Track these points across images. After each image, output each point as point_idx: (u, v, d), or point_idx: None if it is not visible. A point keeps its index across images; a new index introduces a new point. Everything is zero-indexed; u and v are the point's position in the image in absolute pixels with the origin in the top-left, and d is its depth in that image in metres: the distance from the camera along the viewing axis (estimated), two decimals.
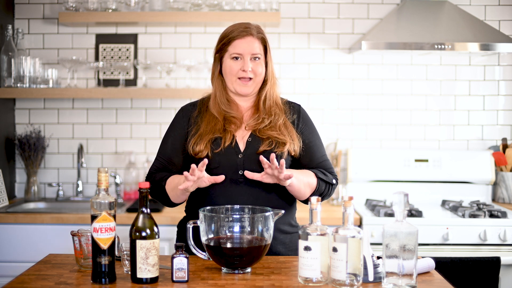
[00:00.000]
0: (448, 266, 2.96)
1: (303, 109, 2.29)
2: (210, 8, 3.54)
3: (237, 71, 2.15)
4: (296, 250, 2.19)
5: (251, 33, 2.15)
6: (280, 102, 2.23)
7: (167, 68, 3.58)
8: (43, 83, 3.52)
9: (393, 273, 1.71)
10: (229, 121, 2.17)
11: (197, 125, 2.18)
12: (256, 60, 2.16)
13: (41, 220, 3.11)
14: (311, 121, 2.28)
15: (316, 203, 1.78)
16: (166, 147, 2.22)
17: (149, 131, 3.70)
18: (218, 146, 2.13)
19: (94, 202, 1.77)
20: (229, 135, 2.14)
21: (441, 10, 3.50)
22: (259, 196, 2.12)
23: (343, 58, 3.71)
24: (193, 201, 2.22)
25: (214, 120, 2.17)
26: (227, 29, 2.20)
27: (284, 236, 2.18)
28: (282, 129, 2.16)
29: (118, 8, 3.51)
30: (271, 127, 2.15)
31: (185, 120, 2.22)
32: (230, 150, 2.13)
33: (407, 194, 1.71)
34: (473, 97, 3.74)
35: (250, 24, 2.19)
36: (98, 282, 1.76)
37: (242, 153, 2.13)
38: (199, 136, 2.14)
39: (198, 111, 2.23)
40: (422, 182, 3.61)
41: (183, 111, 2.26)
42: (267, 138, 2.13)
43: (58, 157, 3.71)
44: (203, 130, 2.15)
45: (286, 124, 2.18)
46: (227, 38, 2.16)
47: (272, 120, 2.16)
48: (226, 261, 1.85)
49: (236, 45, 2.14)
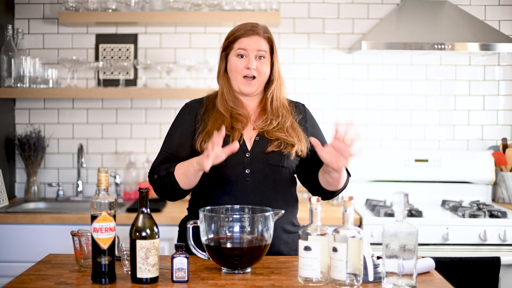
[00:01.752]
0: (448, 266, 2.96)
1: (307, 109, 2.30)
2: (210, 8, 3.54)
3: (242, 69, 2.15)
4: (297, 250, 2.19)
5: (257, 32, 2.16)
6: (286, 103, 2.24)
7: (167, 68, 3.58)
8: (43, 83, 3.52)
9: (393, 273, 1.71)
10: (236, 119, 2.17)
11: (205, 122, 2.17)
12: (261, 59, 2.16)
13: (41, 220, 3.12)
14: (315, 121, 2.30)
15: (316, 203, 1.78)
16: (173, 142, 2.18)
17: (149, 131, 3.70)
18: (225, 144, 2.12)
19: (94, 202, 1.77)
20: (237, 133, 2.14)
21: (441, 10, 3.50)
22: (264, 195, 2.12)
23: (343, 58, 3.71)
24: (197, 200, 2.20)
25: (221, 117, 2.16)
26: (234, 28, 2.22)
27: (287, 236, 2.18)
28: (290, 130, 2.16)
29: (118, 8, 3.51)
30: (279, 128, 2.15)
31: (192, 117, 2.20)
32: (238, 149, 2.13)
33: (407, 194, 1.71)
34: (473, 97, 3.74)
35: (257, 24, 2.20)
36: (98, 282, 1.76)
37: (249, 151, 2.14)
38: (206, 134, 2.13)
39: (205, 108, 2.22)
40: (422, 182, 3.61)
41: (189, 107, 2.24)
42: (276, 139, 2.14)
43: (58, 157, 3.71)
44: (210, 127, 2.14)
45: (293, 125, 2.19)
46: (233, 36, 2.17)
47: (280, 121, 2.17)
48: (226, 261, 1.85)
49: (242, 42, 2.15)
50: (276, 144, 2.13)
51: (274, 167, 2.13)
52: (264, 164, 2.11)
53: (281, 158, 2.13)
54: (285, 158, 2.13)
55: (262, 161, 2.12)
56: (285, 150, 2.13)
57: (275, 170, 2.13)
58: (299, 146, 2.15)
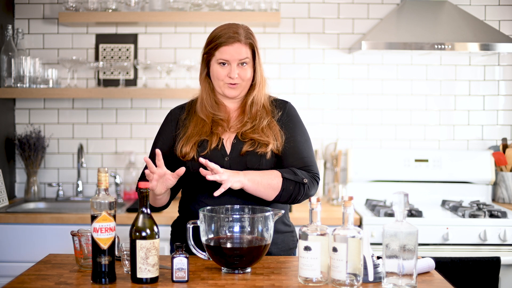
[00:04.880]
0: (448, 266, 2.96)
1: (290, 105, 2.25)
2: (210, 8, 3.54)
3: (224, 77, 2.13)
4: (287, 251, 2.19)
5: (238, 39, 2.11)
6: (267, 103, 2.21)
7: (167, 68, 3.58)
8: (43, 83, 3.52)
9: (393, 273, 1.71)
10: (216, 124, 2.17)
11: (186, 127, 2.18)
12: (244, 65, 2.14)
13: (41, 220, 3.11)
14: (297, 118, 2.23)
15: (316, 203, 1.78)
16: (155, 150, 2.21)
17: (149, 131, 3.70)
18: (204, 148, 2.12)
19: (94, 202, 1.77)
20: (216, 137, 2.13)
21: (441, 10, 3.50)
22: (248, 197, 2.10)
23: (343, 58, 3.71)
24: (184, 202, 2.24)
25: (202, 122, 2.16)
26: (215, 32, 2.16)
27: (276, 236, 2.15)
28: (265, 130, 2.14)
29: (118, 8, 3.51)
30: (254, 130, 2.13)
31: (173, 124, 2.22)
32: (217, 153, 2.12)
33: (407, 194, 1.71)
34: (473, 97, 3.74)
35: (238, 27, 2.15)
36: (98, 282, 1.76)
37: (228, 155, 2.13)
38: (186, 138, 2.14)
39: (187, 113, 2.23)
40: (422, 182, 3.60)
41: (171, 115, 2.26)
42: (250, 140, 2.12)
43: (58, 157, 3.71)
44: (190, 132, 2.15)
45: (270, 124, 2.16)
46: (214, 44, 2.13)
47: (255, 124, 2.15)
48: (226, 261, 1.85)
49: (223, 51, 2.11)
50: (250, 143, 2.12)
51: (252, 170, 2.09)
52: (243, 167, 2.10)
53: (259, 159, 2.11)
54: (263, 159, 2.11)
55: (241, 164, 2.11)
56: (259, 150, 2.11)
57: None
58: (275, 145, 2.12)
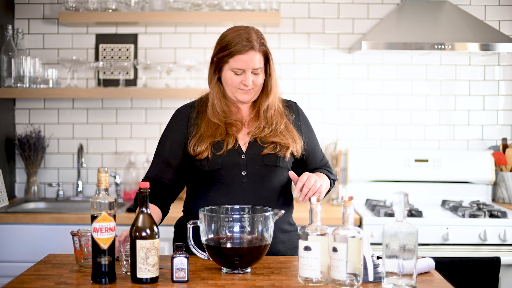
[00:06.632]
0: (448, 266, 2.96)
1: (300, 108, 2.30)
2: (210, 8, 3.54)
3: (238, 83, 2.11)
4: (294, 249, 2.20)
5: (252, 47, 2.08)
6: (281, 106, 2.23)
7: (167, 68, 3.58)
8: (43, 83, 3.52)
9: (393, 273, 1.71)
10: (230, 124, 2.17)
11: (197, 125, 2.17)
12: (257, 73, 2.12)
13: (41, 220, 3.11)
14: (308, 120, 2.30)
15: (316, 203, 1.78)
16: (164, 149, 2.20)
17: (149, 131, 3.70)
18: (220, 148, 2.12)
19: (94, 202, 1.77)
20: (232, 138, 2.13)
21: (441, 10, 3.50)
22: (261, 196, 2.13)
23: (343, 58, 3.71)
24: (193, 201, 2.21)
25: (215, 125, 2.15)
26: (228, 38, 2.11)
27: (283, 235, 2.19)
28: (284, 133, 2.16)
29: (118, 8, 3.51)
30: (273, 134, 2.15)
31: (183, 122, 2.20)
32: (233, 152, 2.13)
33: (407, 194, 1.71)
34: (473, 97, 3.74)
35: (252, 33, 2.10)
36: (98, 282, 1.76)
37: (244, 153, 2.14)
38: (199, 137, 2.13)
39: (197, 111, 2.22)
40: (422, 182, 3.61)
41: (181, 113, 2.23)
42: (271, 143, 2.14)
43: (58, 157, 3.71)
44: (203, 132, 2.14)
45: (287, 127, 2.18)
46: (229, 51, 2.09)
47: (273, 128, 2.16)
48: (226, 261, 1.85)
49: (238, 60, 2.08)
50: (272, 147, 2.14)
51: (270, 168, 2.13)
52: (260, 165, 2.12)
53: (277, 159, 2.14)
54: (281, 159, 2.14)
55: (258, 162, 2.13)
56: (280, 152, 2.14)
57: (271, 170, 2.14)
58: (294, 147, 2.16)
